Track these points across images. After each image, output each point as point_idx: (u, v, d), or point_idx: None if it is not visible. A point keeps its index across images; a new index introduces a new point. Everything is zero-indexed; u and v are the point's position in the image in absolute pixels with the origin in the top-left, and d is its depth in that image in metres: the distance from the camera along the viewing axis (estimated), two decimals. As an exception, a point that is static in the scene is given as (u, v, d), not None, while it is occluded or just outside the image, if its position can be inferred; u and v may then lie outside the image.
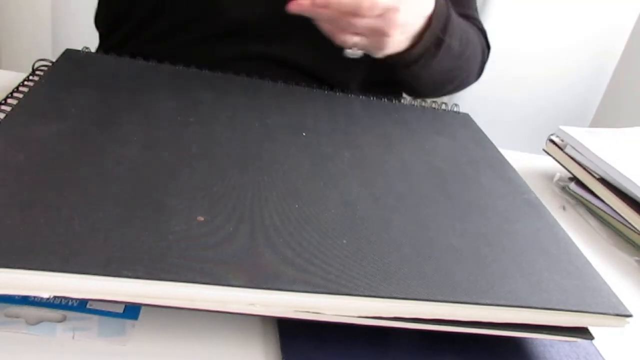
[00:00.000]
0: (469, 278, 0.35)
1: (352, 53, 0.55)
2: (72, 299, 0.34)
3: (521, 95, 1.52)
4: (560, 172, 0.67)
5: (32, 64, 0.53)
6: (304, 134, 0.49)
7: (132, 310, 0.34)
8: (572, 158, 0.64)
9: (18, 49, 1.27)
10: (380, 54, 0.56)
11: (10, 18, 1.24)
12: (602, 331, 0.38)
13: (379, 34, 0.54)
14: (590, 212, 0.61)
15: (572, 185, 0.63)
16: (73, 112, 0.43)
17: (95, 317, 0.33)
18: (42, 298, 0.32)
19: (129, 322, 0.34)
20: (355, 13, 0.51)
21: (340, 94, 0.60)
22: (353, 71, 0.65)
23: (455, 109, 0.64)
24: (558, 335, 0.36)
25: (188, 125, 0.46)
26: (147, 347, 0.33)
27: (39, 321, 0.33)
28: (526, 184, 0.50)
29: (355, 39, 0.54)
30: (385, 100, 0.61)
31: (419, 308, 0.33)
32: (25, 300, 0.33)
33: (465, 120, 0.62)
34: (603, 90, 1.57)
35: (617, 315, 0.36)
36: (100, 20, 0.71)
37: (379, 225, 0.39)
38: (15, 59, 1.27)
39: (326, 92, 0.60)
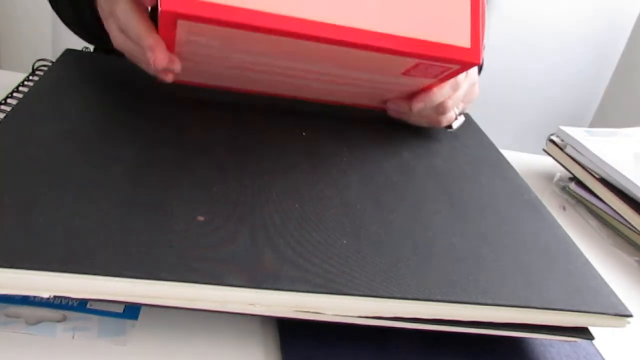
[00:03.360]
0: (469, 278, 0.35)
1: (456, 123, 0.56)
2: (72, 299, 0.34)
3: (521, 96, 1.52)
4: (560, 172, 0.67)
5: (32, 64, 0.53)
6: (303, 133, 0.49)
7: (132, 310, 0.34)
8: (572, 158, 0.64)
9: (18, 49, 1.27)
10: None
11: (10, 18, 1.24)
12: (602, 331, 0.38)
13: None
14: (590, 212, 0.61)
15: (572, 185, 0.63)
16: (73, 112, 0.43)
17: (95, 317, 0.33)
18: (42, 298, 0.32)
19: (129, 322, 0.34)
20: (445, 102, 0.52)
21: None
22: None
23: (455, 109, 0.64)
24: (558, 335, 0.36)
25: (188, 125, 0.46)
26: (147, 347, 0.33)
27: (39, 321, 0.33)
28: (526, 184, 0.50)
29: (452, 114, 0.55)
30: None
31: (419, 308, 0.33)
32: (25, 300, 0.33)
33: (465, 121, 0.61)
34: (603, 90, 1.57)
35: (617, 315, 0.36)
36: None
37: (379, 225, 0.39)
38: (15, 59, 1.27)
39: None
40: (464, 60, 0.43)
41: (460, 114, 0.56)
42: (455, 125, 0.56)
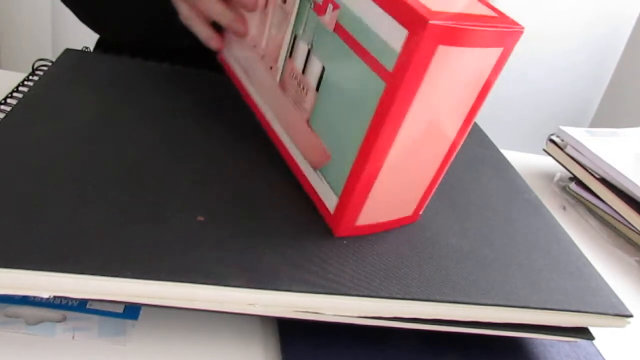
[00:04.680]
0: (469, 278, 0.35)
1: None
2: (72, 299, 0.34)
3: (521, 95, 1.52)
4: (560, 172, 0.67)
5: (32, 63, 0.53)
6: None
7: (132, 310, 0.34)
8: (572, 158, 0.64)
9: (18, 49, 1.27)
10: None
11: (10, 18, 1.24)
12: (602, 331, 0.38)
13: None
14: (590, 212, 0.61)
15: (572, 185, 0.63)
16: (72, 112, 0.43)
17: (95, 317, 0.33)
18: (42, 298, 0.32)
19: (129, 322, 0.34)
20: None
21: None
22: None
23: (455, 109, 0.63)
24: (558, 335, 0.36)
25: (188, 124, 0.46)
26: (147, 347, 0.33)
27: (39, 321, 0.33)
28: (526, 184, 0.50)
29: None
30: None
31: (418, 308, 0.33)
32: (25, 300, 0.33)
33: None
34: (603, 90, 1.57)
35: (618, 315, 0.36)
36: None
37: (379, 225, 0.39)
38: (15, 59, 1.27)
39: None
40: None
41: None
42: None
